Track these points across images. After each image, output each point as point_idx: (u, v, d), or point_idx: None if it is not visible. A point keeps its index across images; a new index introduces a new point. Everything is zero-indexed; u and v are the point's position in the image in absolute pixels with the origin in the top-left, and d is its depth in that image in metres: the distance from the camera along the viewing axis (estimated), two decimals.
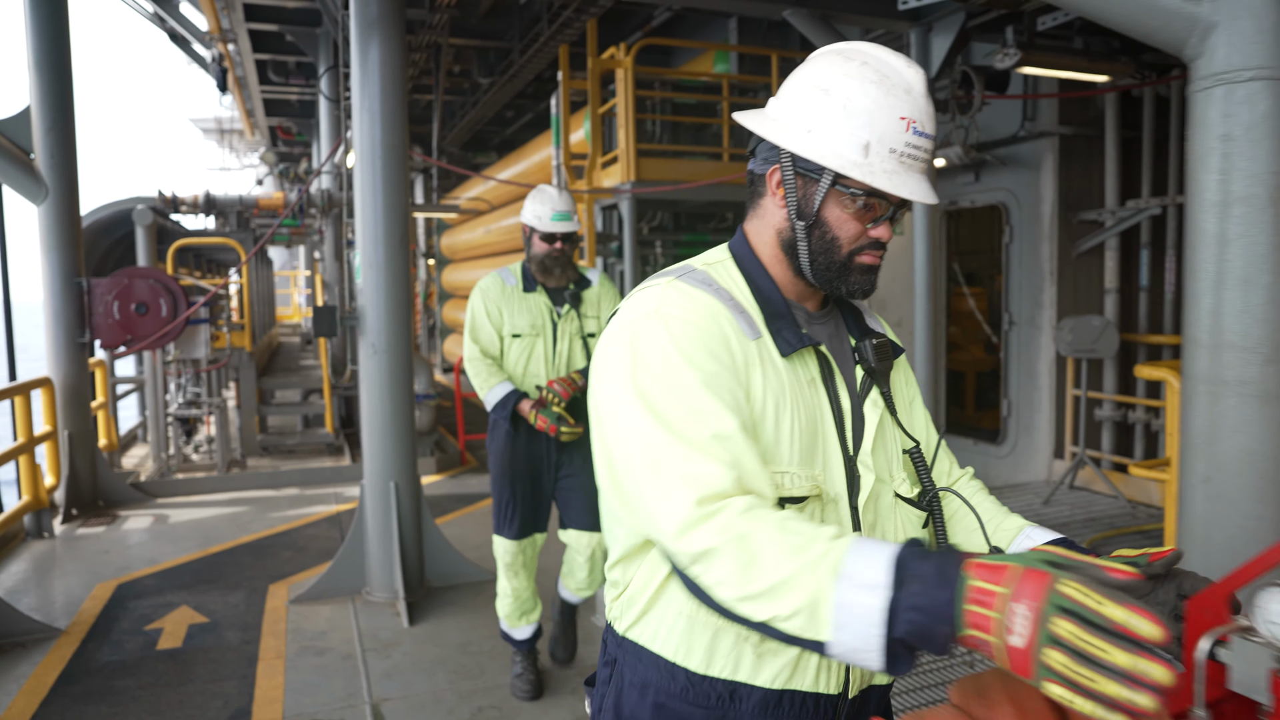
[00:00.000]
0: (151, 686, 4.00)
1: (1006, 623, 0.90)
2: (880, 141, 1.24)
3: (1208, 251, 1.65)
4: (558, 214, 3.58)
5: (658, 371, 1.21)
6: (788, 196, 1.32)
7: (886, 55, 1.30)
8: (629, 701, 1.36)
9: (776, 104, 1.35)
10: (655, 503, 1.15)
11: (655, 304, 1.27)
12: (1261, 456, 1.62)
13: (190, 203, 9.26)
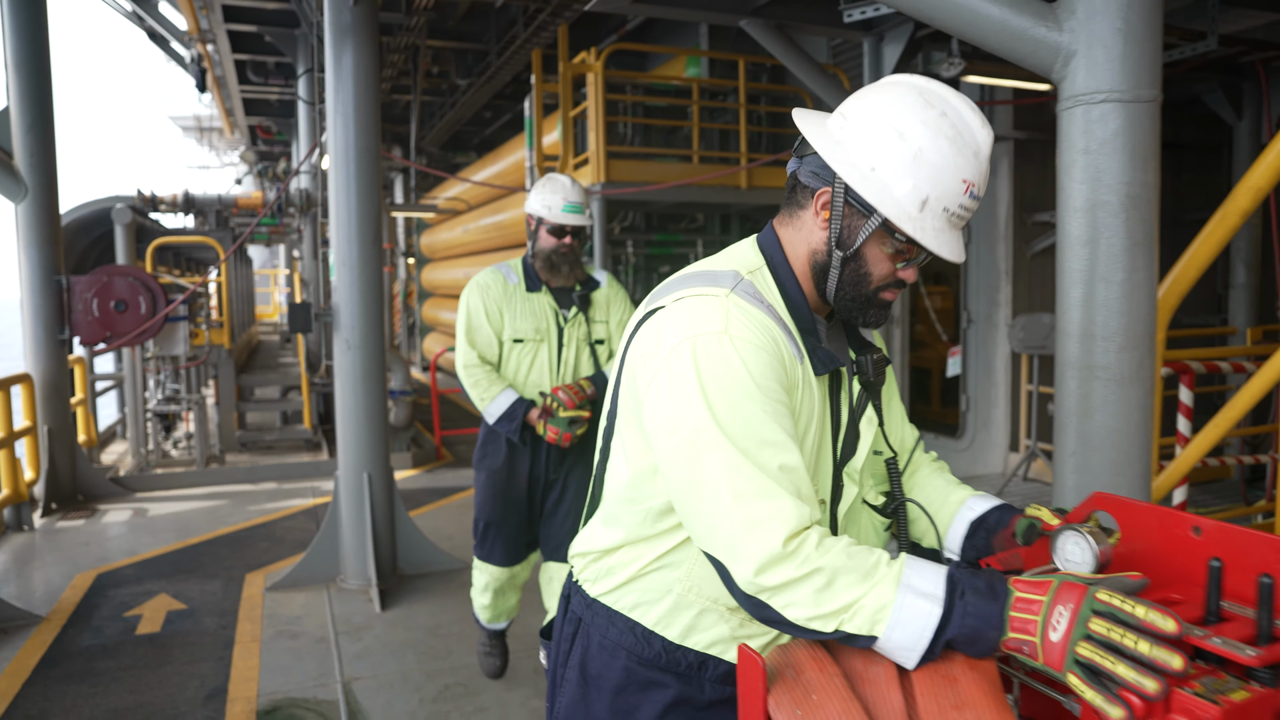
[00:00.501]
0: (131, 668, 4.15)
1: (1050, 622, 1.06)
2: (939, 200, 1.25)
3: (1073, 252, 1.86)
4: (570, 205, 3.28)
5: (732, 398, 1.22)
6: (832, 223, 1.32)
7: (964, 108, 1.29)
8: (597, 661, 1.45)
9: (844, 125, 1.32)
10: (740, 533, 1.18)
11: (722, 323, 1.27)
12: (1118, 433, 1.84)
13: (169, 202, 9.38)
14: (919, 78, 1.32)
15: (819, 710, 1.06)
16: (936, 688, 1.07)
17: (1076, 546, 1.19)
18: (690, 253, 8.46)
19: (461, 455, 8.97)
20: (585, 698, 1.46)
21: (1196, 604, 1.04)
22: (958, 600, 1.12)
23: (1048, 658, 1.05)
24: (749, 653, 1.11)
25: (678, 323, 1.29)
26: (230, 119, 15.01)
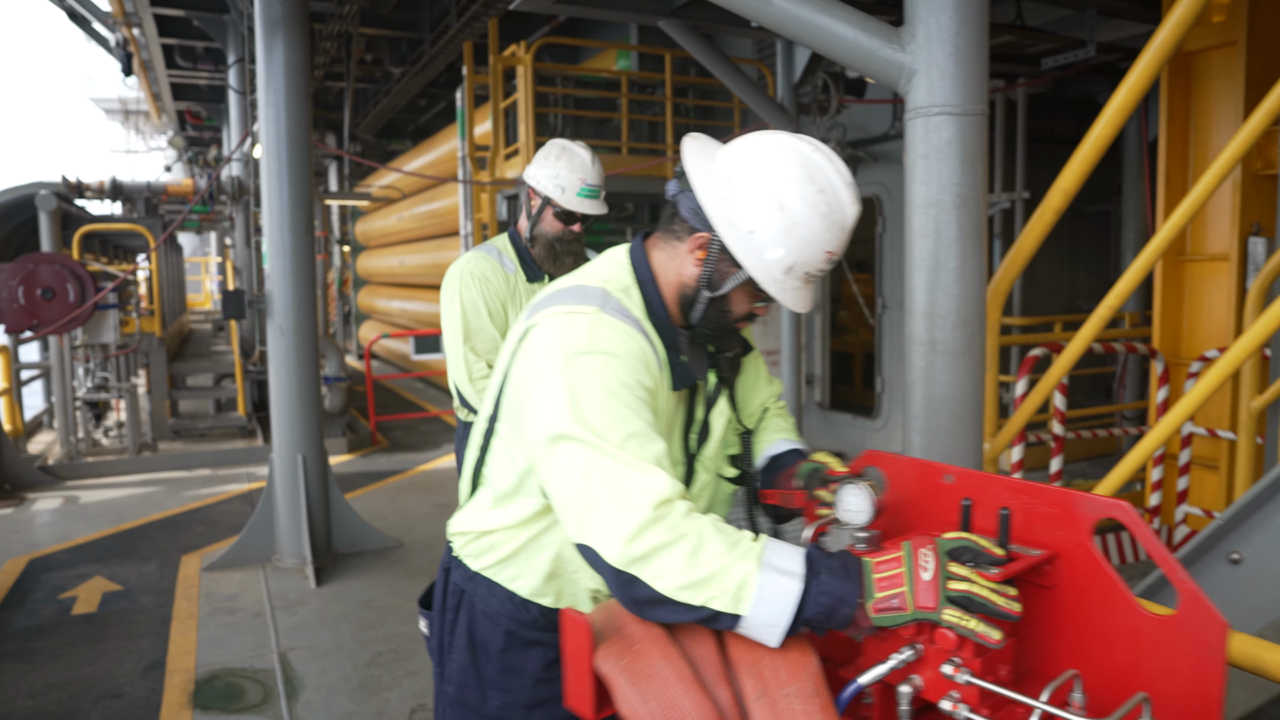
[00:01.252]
0: (68, 646, 4.27)
1: (919, 565, 1.15)
2: (803, 266, 1.39)
3: (917, 244, 2.15)
4: (588, 188, 2.84)
5: (599, 400, 1.32)
6: (705, 265, 1.44)
7: (839, 184, 1.40)
8: (482, 627, 1.59)
9: (729, 182, 1.41)
10: (611, 510, 1.25)
11: (589, 338, 1.37)
12: (954, 399, 2.14)
13: (96, 188, 9.26)
14: (807, 146, 1.41)
15: (642, 657, 1.15)
16: None
17: (856, 497, 1.30)
18: (621, 239, 8.68)
19: (396, 440, 9.10)
20: (475, 661, 1.60)
21: (917, 540, 1.24)
22: (813, 579, 1.19)
23: (921, 600, 1.12)
24: (573, 615, 1.20)
25: (549, 338, 1.40)
26: (158, 104, 14.73)
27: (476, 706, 1.60)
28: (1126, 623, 1.14)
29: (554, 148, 2.87)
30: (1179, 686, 1.09)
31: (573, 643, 1.19)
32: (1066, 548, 1.19)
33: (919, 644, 1.12)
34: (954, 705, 1.07)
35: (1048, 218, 2.12)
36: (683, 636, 1.21)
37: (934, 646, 1.11)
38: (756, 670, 1.16)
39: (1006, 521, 1.17)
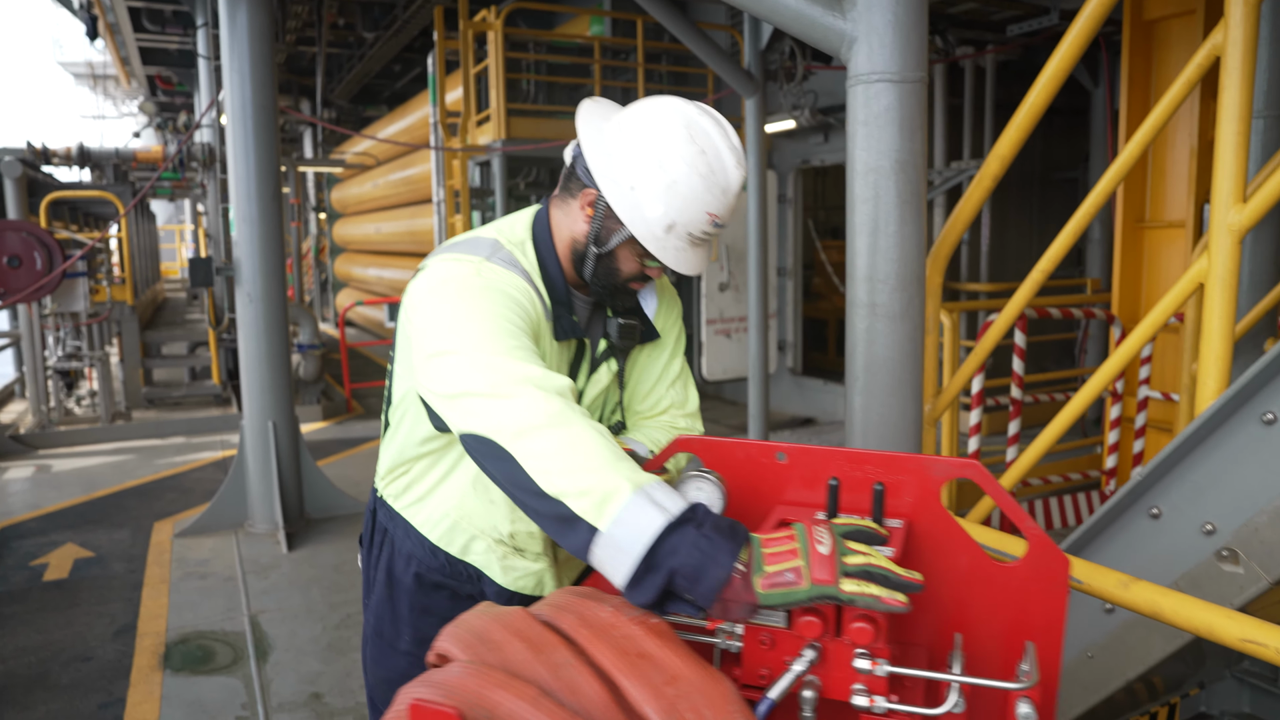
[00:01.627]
0: (39, 611, 4.31)
1: (814, 539, 1.04)
2: (684, 225, 1.43)
3: (857, 209, 2.19)
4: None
5: (481, 323, 1.35)
6: (593, 222, 1.49)
7: (723, 148, 1.43)
8: (398, 567, 1.66)
9: (617, 138, 1.45)
10: (493, 391, 1.25)
11: (474, 274, 1.43)
12: (892, 361, 2.19)
13: (63, 155, 9.14)
14: (695, 110, 1.44)
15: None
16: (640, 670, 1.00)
17: (700, 491, 1.24)
18: None
19: (371, 408, 9.12)
20: (391, 597, 1.67)
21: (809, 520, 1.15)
22: (694, 528, 1.08)
23: (818, 573, 1.02)
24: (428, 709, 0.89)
25: (434, 274, 1.46)
26: (126, 68, 14.48)
27: (391, 641, 1.67)
28: (983, 574, 1.17)
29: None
30: (1032, 623, 1.14)
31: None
32: (921, 512, 1.18)
33: (818, 643, 1.05)
34: (869, 699, 1.02)
35: (985, 183, 2.16)
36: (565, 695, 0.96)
37: (838, 641, 1.04)
38: (674, 715, 0.95)
39: (881, 497, 1.12)
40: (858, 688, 1.04)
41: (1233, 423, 1.72)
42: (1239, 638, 1.30)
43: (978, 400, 4.52)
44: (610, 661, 1.00)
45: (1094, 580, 1.52)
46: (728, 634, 1.11)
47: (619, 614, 1.07)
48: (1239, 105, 1.67)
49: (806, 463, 1.23)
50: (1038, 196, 7.85)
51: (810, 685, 1.06)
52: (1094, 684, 2.06)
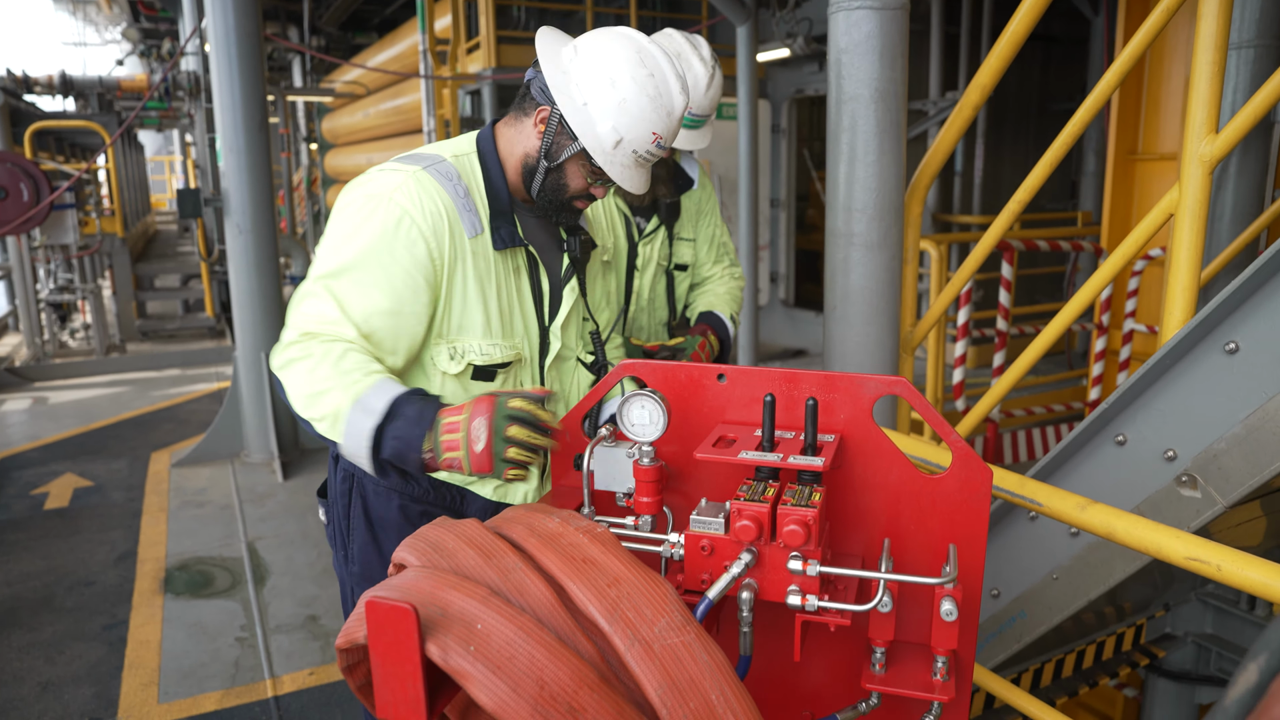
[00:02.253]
0: (42, 538, 4.40)
1: (471, 436, 1.32)
2: (630, 143, 1.53)
3: (836, 137, 2.19)
4: (690, 118, 2.21)
5: (365, 242, 1.51)
6: (545, 137, 1.58)
7: (669, 75, 1.55)
8: (377, 506, 1.69)
9: (573, 59, 1.55)
10: (289, 321, 1.52)
11: (391, 189, 1.52)
12: (868, 290, 2.22)
13: (45, 83, 8.98)
14: (644, 38, 1.57)
15: (490, 636, 0.96)
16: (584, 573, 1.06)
17: (643, 409, 1.27)
18: None
19: None
20: (375, 539, 1.71)
21: (749, 437, 1.25)
22: (388, 423, 1.37)
23: (476, 466, 1.34)
24: (389, 606, 0.92)
25: (361, 183, 1.57)
26: None
27: (382, 579, 1.70)
28: (911, 486, 1.24)
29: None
30: (957, 530, 1.21)
31: (394, 639, 0.94)
32: (853, 427, 1.24)
33: (754, 548, 1.12)
34: (802, 599, 1.09)
35: (965, 113, 2.16)
36: (514, 595, 1.03)
37: (773, 546, 1.12)
38: (616, 614, 1.02)
39: (814, 411, 1.18)
40: (792, 588, 1.11)
41: (1197, 352, 1.75)
42: (1185, 556, 1.36)
43: (963, 332, 4.55)
44: (557, 566, 1.06)
45: (1053, 503, 1.57)
46: (671, 544, 1.18)
47: (566, 524, 1.13)
48: (1215, 34, 1.67)
49: (746, 383, 1.29)
50: (1034, 128, 7.77)
51: (748, 588, 1.13)
52: (1058, 604, 2.14)
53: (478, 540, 1.12)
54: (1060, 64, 7.79)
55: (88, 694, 3.14)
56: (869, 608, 1.12)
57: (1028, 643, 2.22)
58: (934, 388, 4.33)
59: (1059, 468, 2.12)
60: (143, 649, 3.41)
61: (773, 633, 1.33)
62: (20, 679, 3.23)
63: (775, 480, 1.21)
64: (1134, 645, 2.96)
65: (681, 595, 1.18)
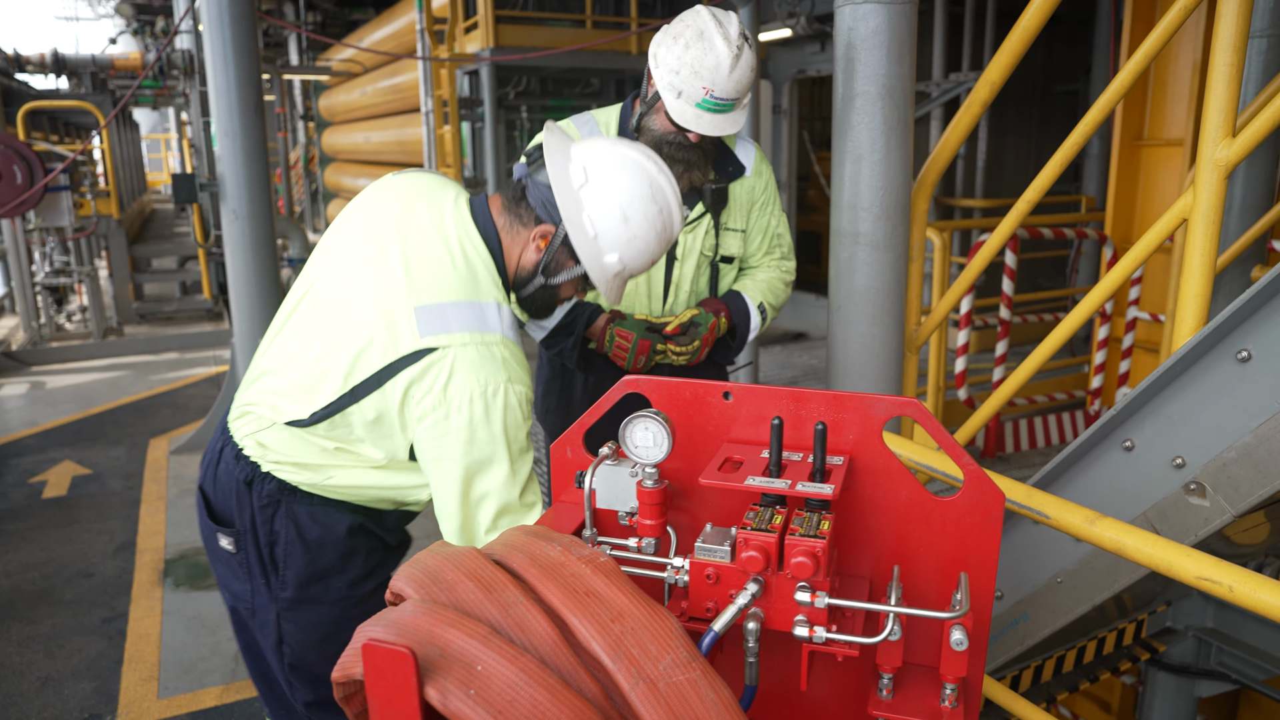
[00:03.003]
0: (40, 528, 4.39)
1: None
2: (630, 270, 1.62)
3: (841, 135, 2.15)
4: (713, 101, 2.04)
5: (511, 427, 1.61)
6: (545, 253, 1.62)
7: (674, 208, 1.62)
8: (313, 527, 1.65)
9: (584, 185, 1.56)
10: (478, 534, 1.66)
11: (505, 374, 1.54)
12: (873, 290, 2.18)
13: (37, 62, 8.87)
14: (653, 166, 1.59)
15: (492, 679, 0.93)
16: (587, 607, 1.02)
17: (647, 431, 1.21)
18: None
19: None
20: (314, 558, 1.66)
21: (756, 458, 1.20)
22: None
23: None
24: (386, 649, 0.87)
25: (466, 375, 1.51)
26: None
27: (321, 596, 1.68)
28: (921, 508, 1.21)
29: (690, 27, 2.02)
30: (967, 555, 1.18)
31: (392, 682, 0.89)
32: (862, 448, 1.21)
33: (761, 578, 1.09)
34: (810, 630, 1.07)
35: (974, 109, 2.11)
36: (515, 632, 0.99)
37: (779, 575, 1.09)
38: (620, 650, 0.99)
39: (823, 436, 1.14)
40: (799, 619, 1.08)
41: (1208, 359, 1.73)
42: (1196, 575, 1.34)
43: (965, 320, 4.52)
44: (559, 599, 1.04)
45: (1062, 516, 1.55)
46: (675, 569, 1.16)
47: (568, 553, 1.10)
48: (1234, 34, 1.62)
49: (752, 402, 1.25)
50: (1037, 109, 7.69)
51: (754, 617, 1.10)
52: (1062, 607, 2.12)
53: (477, 572, 1.09)
54: (1064, 43, 7.69)
55: (88, 689, 3.14)
56: (879, 640, 1.09)
57: (1030, 645, 2.21)
58: (936, 376, 4.30)
59: (1065, 471, 2.10)
60: (142, 643, 3.41)
61: (778, 654, 1.31)
62: (20, 674, 3.22)
63: (783, 506, 1.18)
64: (1135, 639, 2.96)
65: (685, 623, 1.17)
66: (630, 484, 1.34)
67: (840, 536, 1.29)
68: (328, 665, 1.69)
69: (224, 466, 1.67)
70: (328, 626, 1.70)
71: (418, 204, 1.63)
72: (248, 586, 1.68)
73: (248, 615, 1.73)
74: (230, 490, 1.65)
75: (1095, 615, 2.80)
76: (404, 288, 1.53)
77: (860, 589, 1.27)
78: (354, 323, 1.55)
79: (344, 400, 1.56)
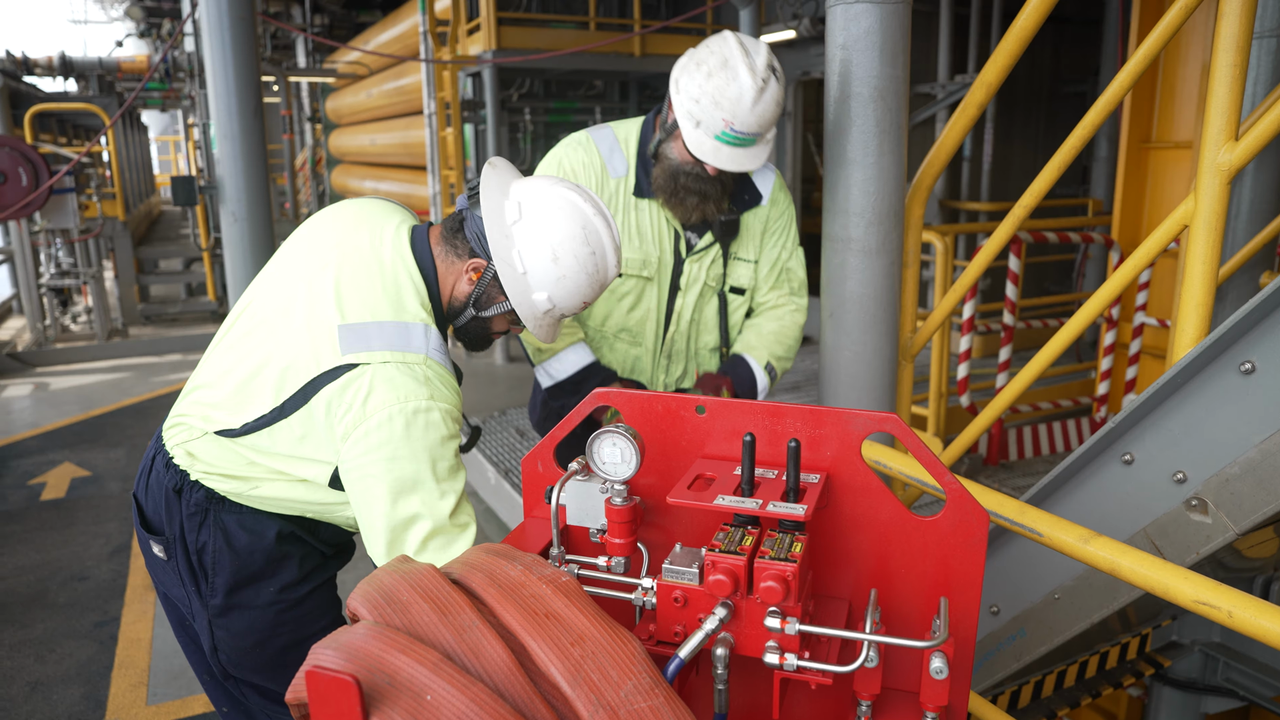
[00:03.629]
0: (37, 530, 4.37)
1: None
2: (561, 309, 1.61)
3: (833, 138, 2.10)
4: (733, 135, 1.93)
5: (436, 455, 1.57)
6: (476, 286, 1.62)
7: (609, 250, 1.60)
8: (241, 537, 1.63)
9: (517, 222, 1.56)
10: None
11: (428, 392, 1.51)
12: (865, 297, 2.13)
13: (45, 65, 8.90)
14: (590, 208, 1.58)
15: (441, 708, 0.90)
16: (546, 630, 0.99)
17: (615, 447, 1.17)
18: (589, 120, 8.47)
19: None
20: (243, 564, 1.64)
21: (729, 476, 1.16)
22: None
23: None
24: (330, 677, 0.84)
25: (387, 395, 1.48)
26: None
27: (251, 601, 1.65)
28: (903, 528, 1.17)
29: (715, 55, 1.92)
30: (951, 577, 1.13)
31: (336, 710, 0.86)
32: (841, 465, 1.16)
33: (730, 601, 1.05)
34: (780, 657, 1.02)
35: (970, 112, 2.06)
36: (469, 658, 0.96)
37: (749, 599, 1.05)
38: (580, 676, 0.95)
39: (796, 454, 1.08)
40: (770, 645, 1.04)
41: (1210, 370, 1.67)
42: (1193, 599, 1.28)
43: (968, 326, 4.45)
44: (517, 621, 1.00)
45: (1055, 533, 1.50)
46: (644, 590, 1.12)
47: (529, 573, 1.06)
48: (1237, 34, 1.56)
49: (726, 416, 1.21)
50: (1045, 110, 7.60)
51: (723, 643, 1.06)
52: (1060, 624, 2.07)
53: (433, 592, 1.05)
54: (1072, 45, 7.61)
55: (76, 695, 3.11)
56: (853, 668, 1.04)
57: (1028, 662, 2.15)
58: (938, 382, 4.24)
59: (1063, 485, 2.04)
60: (133, 648, 3.38)
61: (752, 680, 1.27)
62: (10, 678, 3.20)
63: (755, 527, 1.13)
64: (1139, 654, 2.89)
65: (653, 647, 1.13)
66: (601, 500, 1.30)
67: (818, 557, 1.24)
68: (264, 670, 1.70)
69: (155, 475, 1.68)
70: (260, 632, 1.67)
71: (361, 228, 1.65)
72: (182, 592, 1.69)
73: (188, 617, 1.72)
74: (160, 498, 1.66)
75: (1097, 630, 2.74)
76: (332, 306, 1.55)
77: (838, 611, 1.23)
78: (284, 338, 1.56)
79: (274, 415, 1.55)
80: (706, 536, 1.24)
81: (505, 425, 5.45)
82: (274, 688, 1.71)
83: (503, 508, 4.44)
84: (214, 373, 1.65)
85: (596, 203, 1.60)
